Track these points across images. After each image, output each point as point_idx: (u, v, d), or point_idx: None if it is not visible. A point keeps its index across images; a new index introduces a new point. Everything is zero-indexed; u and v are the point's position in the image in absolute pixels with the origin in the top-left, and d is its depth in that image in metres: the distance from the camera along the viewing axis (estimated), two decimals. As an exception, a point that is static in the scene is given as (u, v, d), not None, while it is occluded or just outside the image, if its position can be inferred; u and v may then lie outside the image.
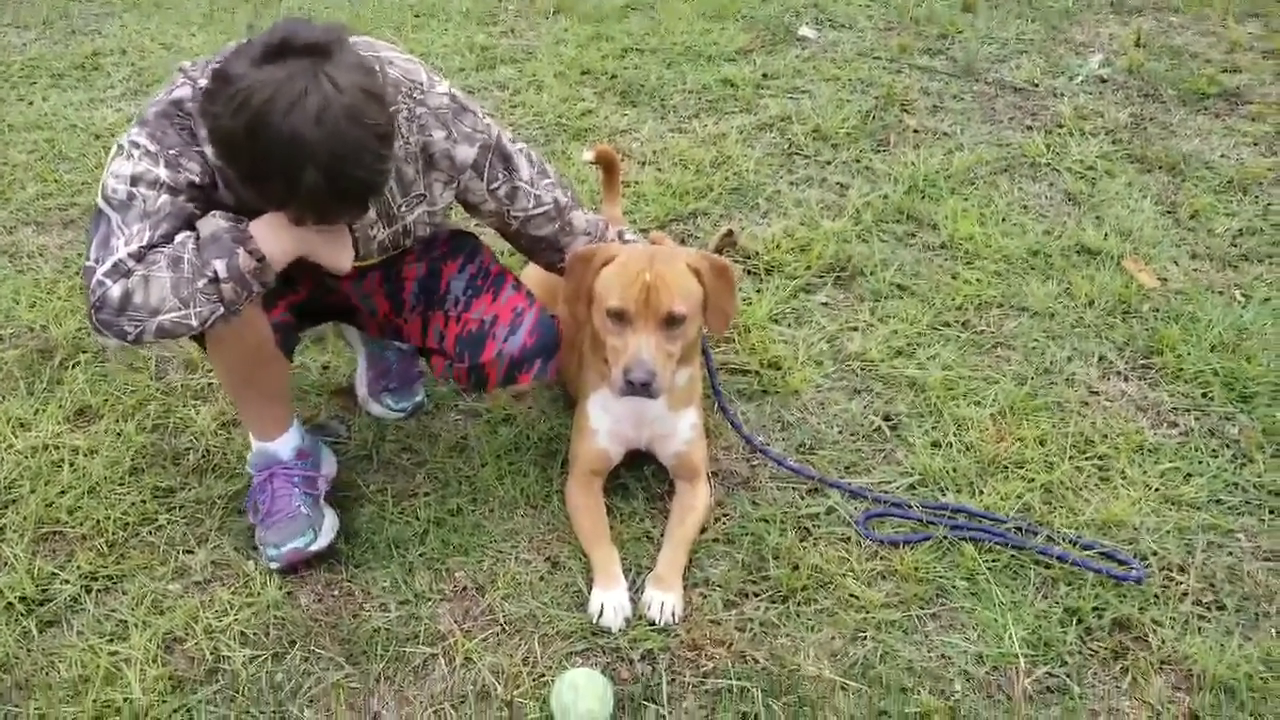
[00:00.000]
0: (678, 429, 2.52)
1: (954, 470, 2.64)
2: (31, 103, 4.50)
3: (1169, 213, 3.68)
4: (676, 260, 2.40)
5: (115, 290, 1.99)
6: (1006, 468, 2.65)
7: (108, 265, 2.00)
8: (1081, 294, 3.25)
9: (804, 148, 4.05)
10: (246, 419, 2.49)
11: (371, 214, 2.25)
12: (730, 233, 3.50)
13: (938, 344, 3.07)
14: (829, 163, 3.97)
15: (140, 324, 2.01)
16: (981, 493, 2.58)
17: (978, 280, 3.32)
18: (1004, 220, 3.61)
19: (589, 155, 3.22)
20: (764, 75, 4.59)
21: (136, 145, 2.06)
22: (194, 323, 2.03)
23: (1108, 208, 3.68)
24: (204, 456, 2.67)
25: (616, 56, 4.71)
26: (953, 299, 3.24)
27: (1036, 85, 4.51)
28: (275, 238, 2.07)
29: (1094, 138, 4.09)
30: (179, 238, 2.02)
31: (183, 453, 2.69)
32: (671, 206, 3.68)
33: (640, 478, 2.62)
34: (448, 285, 2.51)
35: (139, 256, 2.00)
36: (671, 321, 2.32)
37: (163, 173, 2.04)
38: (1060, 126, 4.18)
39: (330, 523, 2.42)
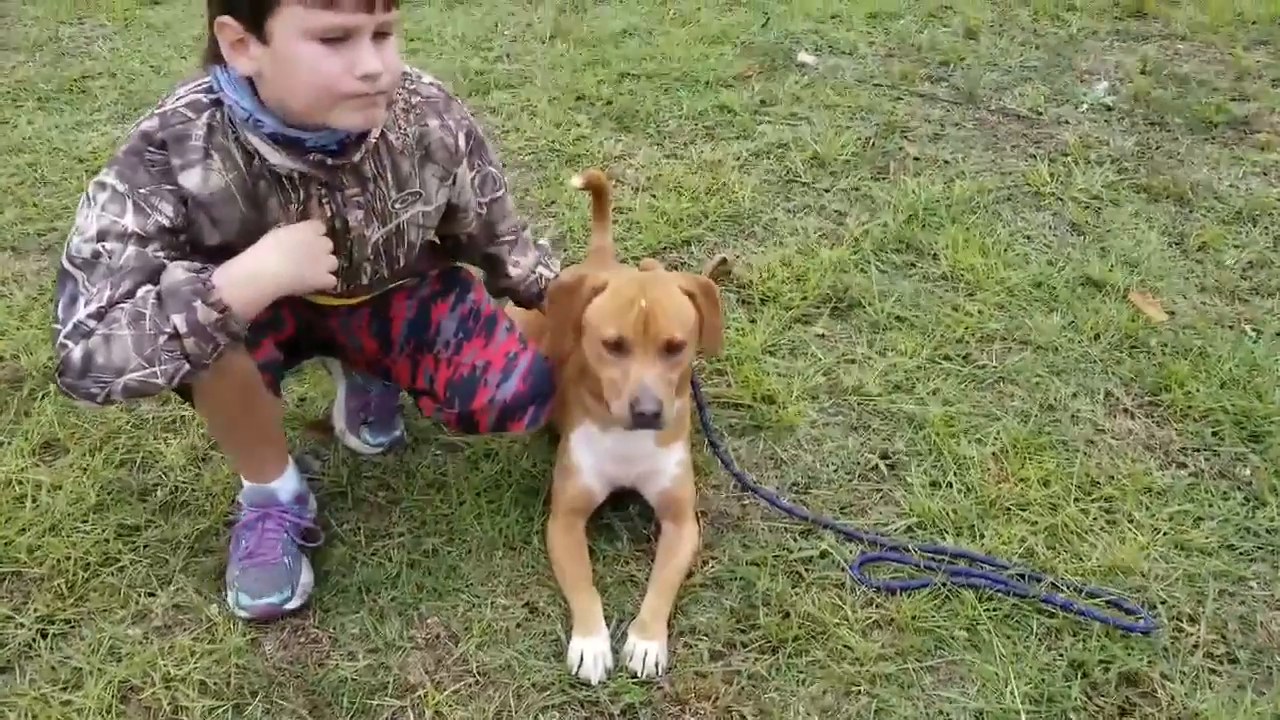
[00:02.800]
0: (664, 466, 2.42)
1: (954, 512, 2.52)
2: (16, 126, 4.42)
3: (1176, 244, 3.58)
4: (669, 284, 2.30)
5: (77, 352, 1.89)
6: (1009, 510, 2.54)
7: (69, 327, 1.90)
8: (1087, 327, 3.14)
9: (802, 175, 3.96)
10: (240, 464, 2.39)
11: (360, 213, 2.15)
12: (724, 261, 3.40)
13: (938, 378, 2.96)
14: (827, 190, 3.87)
15: (106, 385, 1.90)
16: (982, 536, 2.47)
17: (979, 312, 3.21)
18: (1007, 250, 3.51)
19: (577, 182, 3.12)
20: (762, 102, 4.51)
21: (103, 187, 1.95)
22: (161, 381, 1.93)
23: (1114, 238, 3.58)
24: (172, 493, 2.56)
25: (612, 82, 4.63)
26: (953, 331, 3.13)
27: (1040, 113, 4.43)
28: (240, 286, 1.96)
29: (1099, 166, 4.00)
30: (141, 292, 1.92)
31: (150, 489, 2.58)
32: (665, 234, 3.58)
33: (625, 517, 2.51)
34: (438, 326, 2.41)
35: (100, 315, 1.90)
36: (671, 349, 2.22)
37: (130, 221, 1.93)
38: (1065, 155, 4.09)
39: (307, 578, 2.31)
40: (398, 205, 2.22)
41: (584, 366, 2.33)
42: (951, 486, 2.60)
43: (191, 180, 1.97)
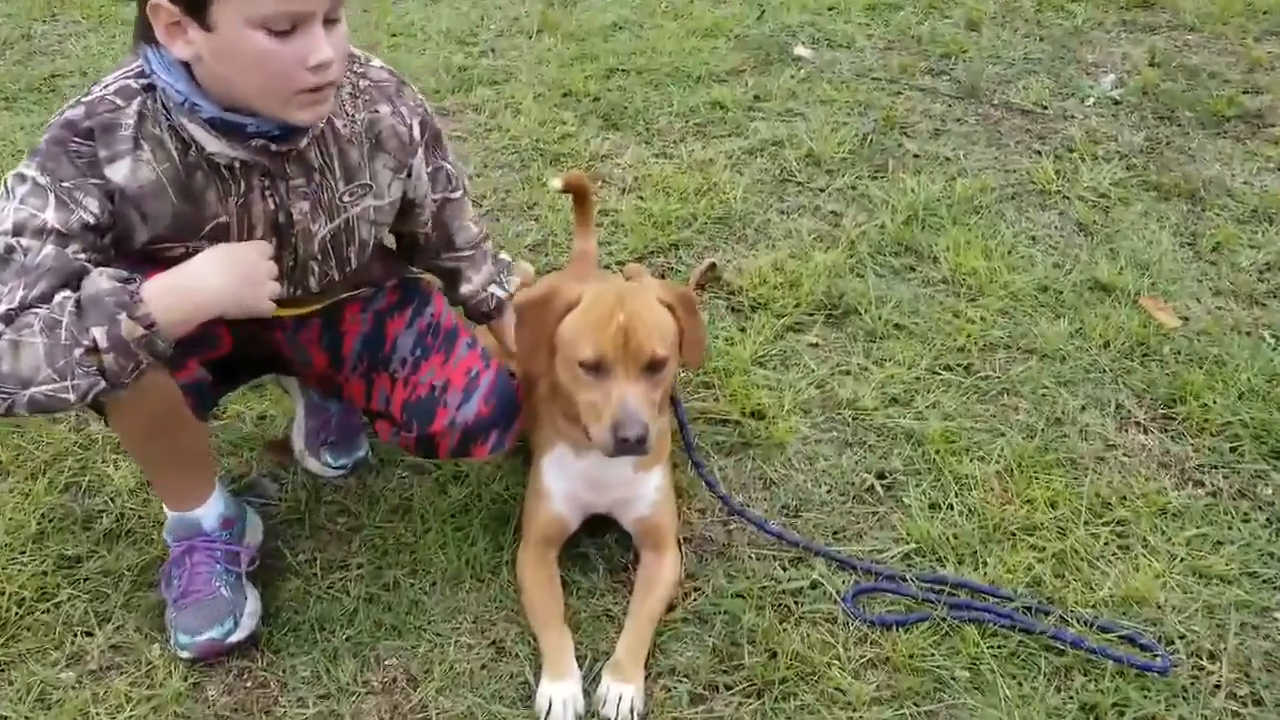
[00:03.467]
0: (643, 492, 2.25)
1: (954, 537, 2.35)
2: (-20, 127, 4.25)
3: (1189, 244, 3.40)
4: (647, 296, 2.14)
5: None
6: (1014, 534, 2.37)
7: None
8: (1096, 334, 2.97)
9: (796, 174, 3.78)
10: (160, 490, 2.24)
11: (306, 205, 1.99)
12: (713, 266, 3.23)
13: (937, 390, 2.79)
14: (822, 190, 3.70)
15: (9, 396, 1.73)
16: (985, 564, 2.30)
17: (982, 319, 3.04)
18: (1010, 252, 3.33)
19: (557, 184, 2.95)
20: (756, 97, 4.32)
21: (23, 179, 1.79)
22: (71, 397, 1.76)
23: (1123, 239, 3.40)
24: (118, 520, 2.40)
25: (600, 78, 4.45)
26: (954, 340, 2.96)
27: (1045, 107, 4.24)
28: (171, 302, 1.80)
29: (1107, 163, 3.81)
30: (58, 298, 1.75)
31: (95, 516, 2.41)
32: (652, 237, 3.41)
33: (602, 545, 2.34)
34: (394, 343, 2.24)
35: (9, 319, 1.72)
36: (653, 366, 2.06)
37: (51, 216, 1.76)
38: (1071, 151, 3.90)
39: (252, 606, 2.15)
40: (346, 198, 2.05)
41: (557, 386, 2.16)
42: (952, 509, 2.43)
43: (119, 173, 1.81)
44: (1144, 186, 3.70)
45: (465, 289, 2.36)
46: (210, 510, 2.19)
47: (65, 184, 1.78)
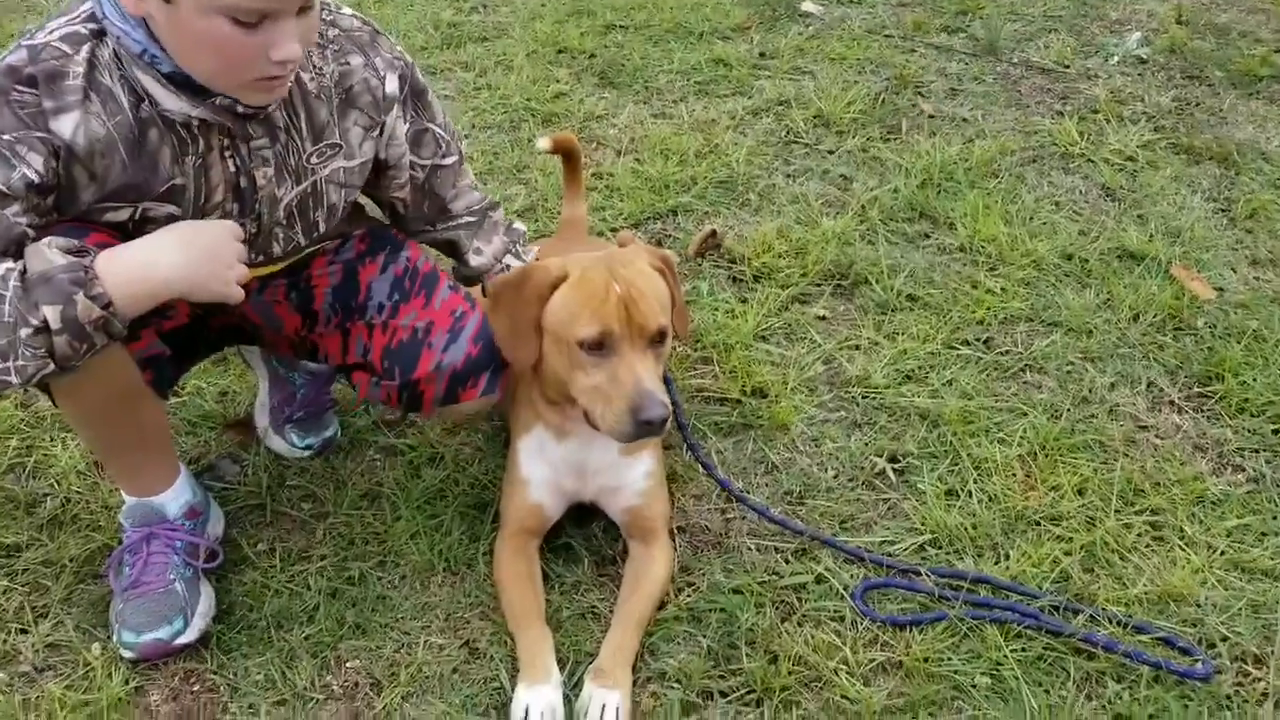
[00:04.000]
0: (630, 479, 2.05)
1: (973, 527, 2.15)
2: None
3: (1223, 211, 3.19)
4: (639, 261, 1.96)
5: None
6: (1038, 524, 2.17)
7: None
8: (1124, 306, 2.75)
9: (803, 135, 3.56)
10: (116, 475, 2.05)
11: (270, 169, 1.81)
12: (714, 233, 3.02)
13: (954, 366, 2.58)
14: (831, 152, 3.48)
15: None
16: (1007, 557, 2.10)
17: (1002, 290, 2.82)
18: (1032, 219, 3.12)
19: (544, 144, 2.72)
20: (761, 55, 4.09)
21: None
22: (14, 380, 1.59)
23: (1151, 205, 3.18)
24: (63, 505, 2.20)
25: (598, 33, 4.22)
26: (972, 312, 2.75)
27: (1067, 66, 4.01)
28: (128, 280, 1.62)
29: (1133, 124, 3.59)
30: (2, 269, 1.57)
31: (39, 500, 2.22)
32: (649, 202, 3.19)
33: (587, 536, 2.14)
34: (368, 290, 2.04)
35: None
36: (657, 339, 1.87)
37: None
38: (1095, 112, 3.68)
39: (205, 605, 1.96)
40: (314, 159, 1.87)
41: (538, 369, 1.96)
42: (971, 496, 2.23)
43: (66, 126, 1.62)
44: (1173, 149, 3.47)
45: (475, 261, 2.13)
46: (175, 498, 2.00)
47: (6, 137, 1.60)
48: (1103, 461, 2.32)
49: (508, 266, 2.11)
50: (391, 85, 1.93)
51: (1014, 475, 2.28)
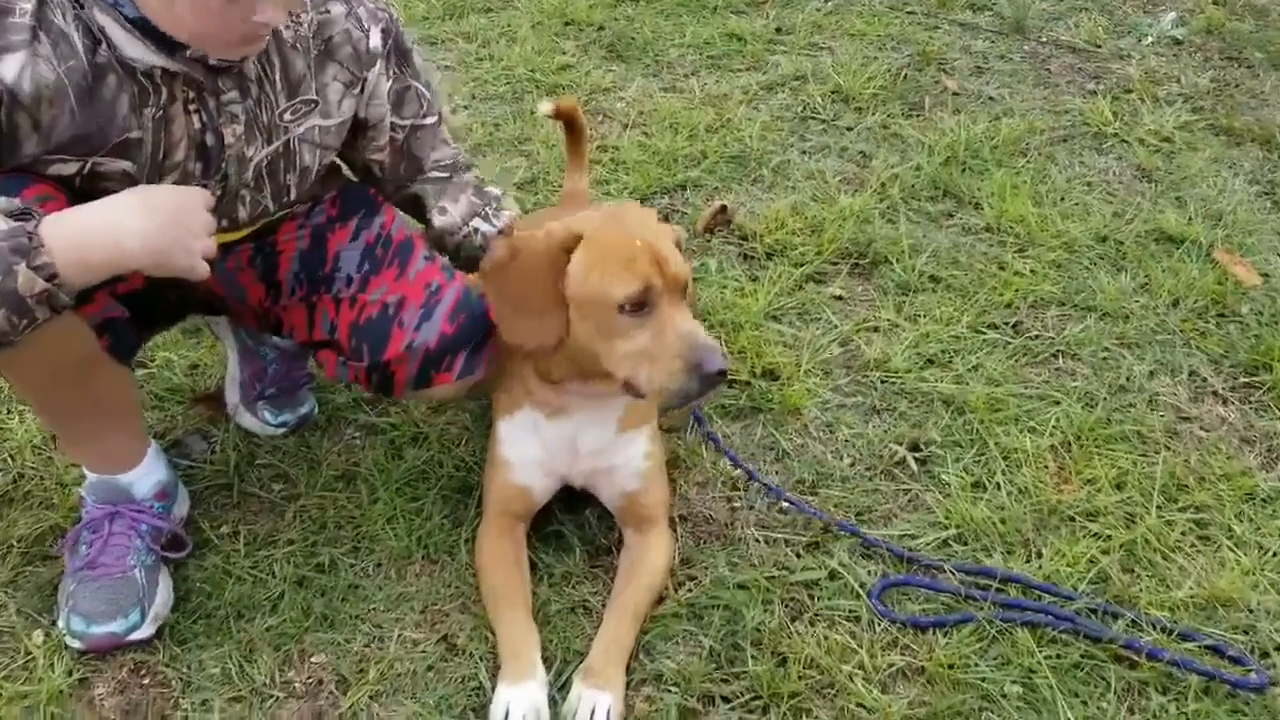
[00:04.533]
0: (627, 459, 1.87)
1: (1002, 522, 1.97)
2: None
3: (1266, 194, 3.00)
4: (646, 215, 1.80)
5: None
6: (1073, 520, 1.99)
7: None
8: (1163, 291, 2.57)
9: (821, 111, 3.38)
10: (73, 450, 1.88)
11: (240, 126, 1.64)
12: (724, 209, 2.85)
13: (981, 351, 2.40)
14: (850, 129, 3.29)
15: None
16: (1040, 555, 1.92)
17: (1031, 272, 2.64)
18: (1063, 199, 2.93)
19: (546, 108, 2.54)
20: (777, 30, 3.91)
21: None
22: None
23: (1190, 187, 3.00)
24: (14, 481, 2.04)
25: (607, 6, 4.04)
26: (1000, 295, 2.56)
27: (1098, 45, 3.81)
28: (77, 248, 1.43)
29: (1169, 105, 3.40)
30: None
31: (-11, 475, 2.06)
32: (656, 177, 3.01)
33: (579, 524, 1.97)
34: (336, 258, 1.88)
35: None
36: (687, 292, 1.72)
37: None
38: (1128, 91, 3.49)
39: (164, 596, 1.78)
40: (288, 116, 1.70)
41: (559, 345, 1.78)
42: (999, 488, 2.05)
43: (9, 70, 1.44)
44: (1212, 130, 3.29)
45: (439, 221, 1.92)
46: (146, 475, 1.84)
47: None
48: (1142, 454, 2.14)
49: (475, 230, 1.91)
50: (375, 39, 1.76)
51: (1046, 467, 2.10)
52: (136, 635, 1.72)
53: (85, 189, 1.54)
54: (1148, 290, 2.60)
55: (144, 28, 1.50)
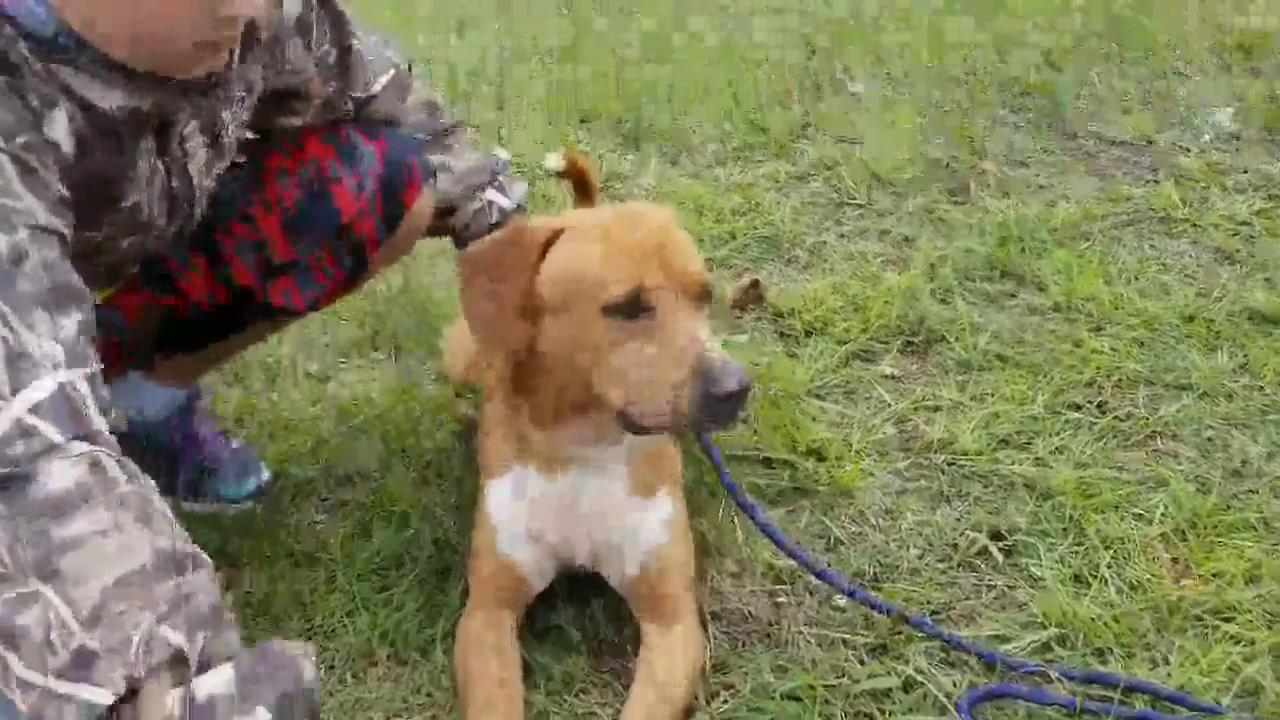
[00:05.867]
0: (643, 531, 1.49)
1: (1114, 620, 1.58)
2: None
3: (1360, 275, 2.67)
4: (661, 211, 1.46)
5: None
6: (1200, 619, 1.60)
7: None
8: (1267, 370, 2.22)
9: (855, 195, 3.09)
10: None
11: (201, 153, 1.41)
12: (756, 283, 2.54)
13: (1064, 432, 2.04)
14: (890, 212, 3.00)
15: None
16: (1166, 660, 1.52)
17: (1112, 350, 2.29)
18: (1137, 278, 2.60)
19: (555, 162, 2.25)
20: (804, 125, 3.66)
21: None
22: None
23: (1278, 268, 2.67)
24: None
25: (623, 99, 3.80)
26: (1079, 373, 2.21)
27: (1150, 141, 3.55)
28: None
29: (1240, 193, 3.11)
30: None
31: None
32: (679, 256, 2.70)
33: (583, 616, 1.57)
34: (214, 201, 1.56)
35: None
36: (705, 297, 1.35)
37: (34, 204, 1.10)
38: (1194, 180, 3.20)
39: None
40: (226, 117, 1.43)
41: (525, 373, 1.44)
42: (1106, 582, 1.66)
43: (58, 130, 1.17)
44: (1292, 216, 2.98)
45: (444, 184, 1.71)
46: None
47: (21, 140, 1.11)
48: (1275, 544, 1.75)
49: (490, 204, 1.61)
50: (291, 7, 1.49)
51: (1157, 558, 1.72)
52: None
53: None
54: (1247, 370, 2.24)
55: (110, 65, 1.20)
